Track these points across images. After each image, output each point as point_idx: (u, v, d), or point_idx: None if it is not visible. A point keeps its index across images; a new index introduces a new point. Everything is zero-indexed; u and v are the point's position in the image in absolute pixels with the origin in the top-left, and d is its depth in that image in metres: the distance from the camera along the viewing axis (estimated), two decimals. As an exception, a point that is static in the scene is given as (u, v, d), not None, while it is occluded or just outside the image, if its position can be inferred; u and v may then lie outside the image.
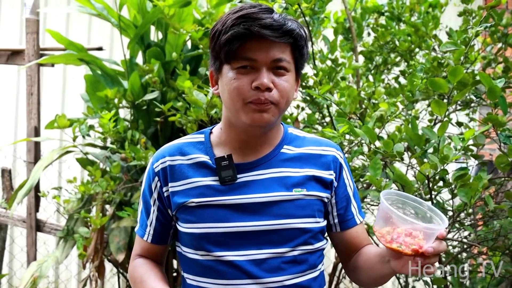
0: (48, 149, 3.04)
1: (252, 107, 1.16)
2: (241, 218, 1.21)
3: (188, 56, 2.70)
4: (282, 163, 1.27)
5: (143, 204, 1.32)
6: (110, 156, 2.67)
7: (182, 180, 1.25)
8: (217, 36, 1.18)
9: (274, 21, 1.14)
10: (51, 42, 3.08)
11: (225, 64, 1.19)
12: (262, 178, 1.24)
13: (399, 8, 2.55)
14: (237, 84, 1.16)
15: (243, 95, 1.16)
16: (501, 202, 1.96)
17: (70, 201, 2.71)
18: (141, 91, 2.64)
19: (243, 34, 1.13)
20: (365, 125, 1.73)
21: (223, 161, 1.24)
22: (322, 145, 1.33)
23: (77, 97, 3.16)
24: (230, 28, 1.14)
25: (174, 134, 2.69)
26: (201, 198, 1.22)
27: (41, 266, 2.60)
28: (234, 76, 1.17)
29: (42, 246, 3.59)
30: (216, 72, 1.23)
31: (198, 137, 1.32)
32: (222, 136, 1.29)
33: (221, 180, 1.23)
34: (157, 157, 1.29)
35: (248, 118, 1.18)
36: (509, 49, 2.39)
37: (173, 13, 2.55)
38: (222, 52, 1.17)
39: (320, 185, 1.27)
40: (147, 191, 1.30)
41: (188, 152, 1.28)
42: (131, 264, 1.35)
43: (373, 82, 2.42)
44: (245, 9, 1.15)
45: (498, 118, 1.65)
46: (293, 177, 1.25)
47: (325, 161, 1.30)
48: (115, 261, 2.62)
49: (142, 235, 1.33)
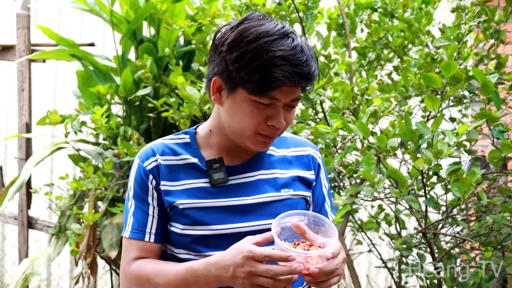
0: (39, 146, 3.01)
1: (261, 139, 1.19)
2: (235, 220, 1.22)
3: (181, 52, 2.68)
4: (269, 164, 1.29)
5: (138, 204, 1.26)
6: (102, 152, 2.65)
7: (173, 180, 1.25)
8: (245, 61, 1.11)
9: (307, 68, 1.12)
10: (42, 37, 3.05)
11: (241, 89, 1.14)
12: (252, 180, 1.26)
13: (392, 4, 2.55)
14: (253, 119, 1.16)
15: (256, 127, 1.17)
16: (493, 197, 1.97)
17: (62, 198, 2.69)
18: (134, 87, 2.62)
19: (281, 81, 1.11)
20: (358, 120, 1.73)
21: (215, 164, 1.25)
22: (302, 145, 1.36)
23: (69, 93, 3.13)
24: (267, 68, 1.10)
25: (167, 130, 2.68)
26: (193, 199, 1.22)
27: (33, 263, 2.58)
28: (252, 108, 1.15)
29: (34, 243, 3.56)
30: (226, 88, 1.18)
31: (183, 138, 1.30)
32: (211, 139, 1.28)
33: (213, 183, 1.24)
34: (146, 155, 1.26)
35: (252, 146, 1.21)
36: (501, 46, 2.41)
37: (166, 8, 2.53)
38: (247, 82, 1.12)
39: (304, 185, 1.31)
40: (140, 190, 1.26)
41: (179, 152, 1.27)
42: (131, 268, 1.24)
43: (366, 78, 2.43)
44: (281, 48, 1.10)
45: (491, 113, 1.65)
46: (281, 178, 1.29)
47: (306, 161, 1.34)
48: (108, 258, 2.60)
49: (141, 237, 1.25)
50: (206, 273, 1.13)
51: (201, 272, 1.14)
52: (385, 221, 2.50)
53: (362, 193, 2.20)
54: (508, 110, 2.26)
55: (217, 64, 1.18)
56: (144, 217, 1.26)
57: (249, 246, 1.08)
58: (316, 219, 1.17)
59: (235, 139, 1.23)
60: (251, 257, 1.06)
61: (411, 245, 2.13)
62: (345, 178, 2.27)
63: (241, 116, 1.17)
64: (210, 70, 1.21)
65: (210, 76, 1.21)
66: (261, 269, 1.05)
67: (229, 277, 1.09)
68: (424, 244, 2.25)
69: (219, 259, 1.12)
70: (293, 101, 1.18)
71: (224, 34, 1.17)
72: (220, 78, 1.18)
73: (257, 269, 1.05)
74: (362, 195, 2.25)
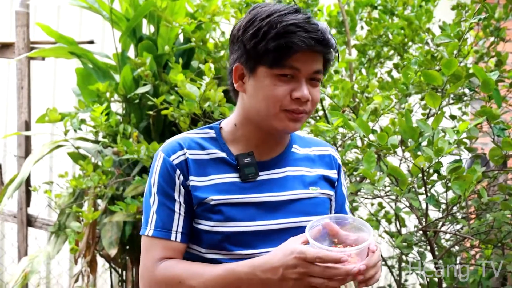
0: (39, 144, 3.00)
1: (288, 115, 1.17)
2: (266, 216, 1.20)
3: (181, 49, 2.68)
4: (295, 162, 1.28)
5: (163, 201, 1.20)
6: (102, 150, 2.65)
7: (202, 175, 1.20)
8: (260, 35, 1.13)
9: (322, 35, 1.13)
10: (41, 35, 3.04)
11: (262, 67, 1.16)
12: (281, 176, 1.25)
13: (392, 2, 2.55)
14: (277, 92, 1.15)
15: (281, 102, 1.16)
16: (494, 195, 1.97)
17: (61, 196, 2.69)
18: (133, 85, 2.62)
19: (297, 45, 1.11)
20: (359, 118, 1.73)
21: (246, 158, 1.22)
22: (322, 145, 1.36)
23: (68, 90, 3.12)
24: (283, 35, 1.12)
25: (166, 128, 2.67)
26: (225, 195, 1.19)
27: (32, 261, 2.58)
28: (274, 82, 1.15)
29: (33, 241, 3.56)
30: (247, 70, 1.18)
31: (208, 132, 1.26)
32: (237, 133, 1.25)
33: (243, 177, 1.21)
34: (173, 149, 1.21)
35: (281, 125, 1.18)
36: (501, 43, 2.40)
37: (165, 6, 2.53)
38: (265, 55, 1.14)
39: (328, 184, 1.31)
40: (167, 186, 1.20)
41: (206, 146, 1.23)
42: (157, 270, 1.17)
43: (366, 76, 2.42)
44: (294, 18, 1.13)
45: (492, 111, 1.65)
46: (308, 176, 1.28)
47: (328, 160, 1.33)
48: (107, 256, 2.60)
49: (167, 236, 1.19)
50: (251, 276, 1.10)
51: (245, 275, 1.10)
52: (385, 219, 2.50)
53: (362, 191, 2.20)
54: (509, 107, 2.26)
55: (236, 51, 1.19)
56: (170, 214, 1.19)
57: (299, 246, 1.06)
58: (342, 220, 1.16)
59: (262, 123, 1.20)
60: (303, 258, 1.04)
61: (411, 243, 2.12)
62: (346, 176, 2.27)
63: (265, 93, 1.16)
64: (230, 62, 1.22)
65: (231, 66, 1.21)
66: (315, 270, 1.04)
67: (277, 279, 1.07)
68: (424, 242, 2.24)
69: (266, 260, 1.09)
70: (315, 73, 1.17)
71: (238, 23, 1.20)
72: (240, 63, 1.19)
73: (310, 270, 1.04)
74: (362, 193, 2.24)
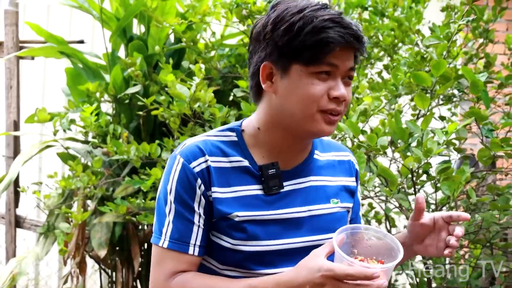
0: (28, 144, 2.98)
1: (325, 117, 1.09)
2: (289, 234, 1.13)
3: (171, 50, 2.67)
4: (318, 170, 1.21)
5: (180, 211, 1.10)
6: (91, 150, 2.63)
7: (224, 186, 1.11)
8: (295, 31, 1.05)
9: (357, 31, 1.08)
10: (31, 34, 3.02)
11: (296, 64, 1.07)
12: (304, 187, 1.17)
13: (382, 3, 2.55)
14: (314, 91, 1.07)
15: (318, 102, 1.07)
16: (483, 195, 1.98)
17: (50, 197, 2.67)
18: (123, 85, 2.61)
19: (337, 40, 1.05)
20: (348, 119, 1.74)
21: (270, 169, 1.13)
22: (342, 150, 1.29)
23: (58, 90, 3.10)
24: (320, 30, 1.05)
25: (156, 128, 2.66)
26: (249, 211, 1.11)
27: (20, 262, 2.56)
28: (312, 81, 1.07)
29: (21, 242, 3.53)
30: (278, 69, 1.09)
31: (230, 135, 1.16)
32: (260, 137, 1.16)
33: (267, 190, 1.13)
34: (193, 155, 1.11)
35: (316, 128, 1.09)
36: (490, 45, 2.42)
37: (156, 6, 2.52)
38: (301, 51, 1.06)
39: (349, 195, 1.25)
40: (186, 195, 1.10)
41: (228, 153, 1.13)
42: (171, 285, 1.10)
43: (356, 77, 2.43)
44: (328, 13, 1.07)
45: (480, 112, 1.66)
46: (329, 187, 1.21)
47: (347, 167, 1.27)
48: (97, 257, 2.58)
49: (184, 249, 1.10)
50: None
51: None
52: (375, 219, 2.51)
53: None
54: (497, 108, 2.28)
55: (263, 49, 1.10)
56: (188, 226, 1.10)
57: (326, 263, 1.00)
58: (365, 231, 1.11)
59: (294, 127, 1.11)
60: (332, 276, 0.98)
61: (401, 243, 2.13)
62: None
63: (301, 94, 1.07)
64: (254, 61, 1.12)
65: (257, 65, 1.12)
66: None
67: None
68: (413, 242, 2.25)
69: (291, 278, 1.03)
70: (350, 71, 1.10)
71: (262, 20, 1.11)
72: (270, 62, 1.10)
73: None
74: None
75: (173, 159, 1.13)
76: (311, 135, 1.14)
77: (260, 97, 1.16)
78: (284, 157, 1.16)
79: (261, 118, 1.16)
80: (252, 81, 1.15)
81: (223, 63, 2.59)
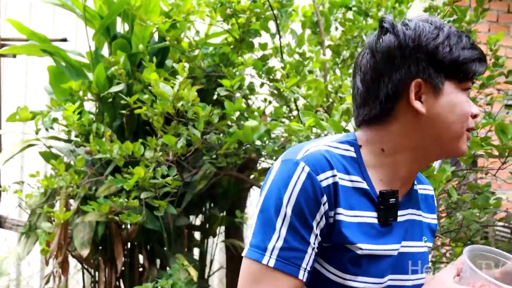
0: (9, 143, 2.95)
1: (468, 136, 1.03)
2: (392, 271, 1.04)
3: (155, 48, 2.66)
4: (416, 203, 1.11)
5: (297, 227, 0.94)
6: (74, 149, 2.61)
7: (349, 208, 0.98)
8: (453, 46, 0.99)
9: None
10: (12, 32, 2.98)
11: (451, 81, 1.00)
12: (405, 220, 1.07)
13: (366, 3, 2.57)
14: (469, 109, 1.01)
15: (468, 120, 1.01)
16: (463, 194, 2.01)
17: (32, 196, 2.64)
18: (107, 83, 2.59)
19: (480, 59, 1.01)
20: (331, 118, 1.75)
21: (391, 198, 1.01)
22: (425, 183, 1.19)
23: (40, 89, 3.07)
24: (472, 46, 1.01)
25: (140, 127, 2.65)
26: (370, 244, 0.99)
27: (1, 262, 2.53)
28: (466, 98, 1.01)
29: (3, 242, 3.49)
30: (432, 87, 1.00)
31: (349, 150, 1.03)
32: (383, 160, 1.03)
33: (383, 220, 1.01)
34: (321, 166, 0.96)
35: (462, 146, 1.02)
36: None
37: (140, 4, 2.50)
38: (461, 67, 0.99)
39: (431, 234, 1.15)
40: (308, 210, 0.94)
41: (349, 170, 1.00)
42: None
43: (340, 76, 2.44)
44: (464, 35, 1.03)
45: (461, 112, 1.68)
46: (423, 223, 1.12)
47: (431, 202, 1.18)
48: (79, 256, 2.57)
49: (295, 273, 0.94)
50: None
51: None
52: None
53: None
54: (479, 108, 2.31)
55: (410, 65, 0.99)
56: (303, 247, 0.94)
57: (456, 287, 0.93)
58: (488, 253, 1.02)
59: (441, 147, 1.02)
60: None
61: (384, 242, 2.15)
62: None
63: (459, 112, 1.00)
64: (397, 78, 1.00)
65: (400, 86, 1.00)
66: None
67: None
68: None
69: None
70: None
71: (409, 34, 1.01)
72: (422, 79, 0.99)
73: None
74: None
75: (295, 165, 0.96)
76: (451, 155, 1.07)
77: (388, 117, 1.02)
78: (401, 185, 1.05)
79: (391, 139, 1.02)
80: (388, 101, 1.01)
81: (207, 62, 2.58)
